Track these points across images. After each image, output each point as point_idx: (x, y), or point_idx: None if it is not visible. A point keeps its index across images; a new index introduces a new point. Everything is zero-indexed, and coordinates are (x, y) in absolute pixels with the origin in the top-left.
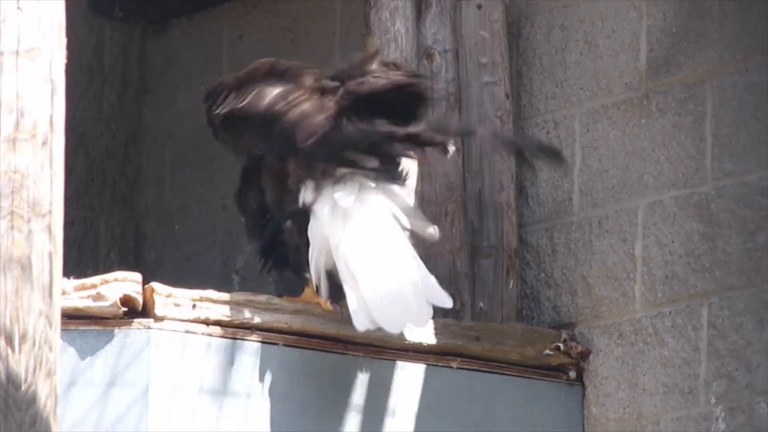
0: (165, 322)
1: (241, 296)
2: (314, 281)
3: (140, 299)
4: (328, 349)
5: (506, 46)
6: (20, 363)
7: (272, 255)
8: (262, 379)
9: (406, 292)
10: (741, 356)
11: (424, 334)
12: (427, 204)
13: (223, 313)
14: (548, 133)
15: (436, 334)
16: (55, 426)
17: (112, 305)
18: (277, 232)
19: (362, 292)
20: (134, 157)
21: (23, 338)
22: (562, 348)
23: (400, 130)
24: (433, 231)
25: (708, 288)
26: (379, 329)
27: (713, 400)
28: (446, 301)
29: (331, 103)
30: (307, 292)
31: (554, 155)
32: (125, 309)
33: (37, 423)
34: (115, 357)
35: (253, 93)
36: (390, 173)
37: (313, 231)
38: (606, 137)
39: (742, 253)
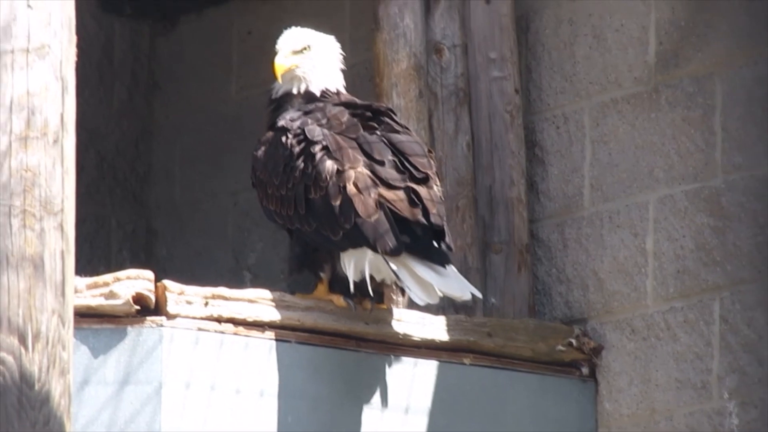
0: (177, 319)
1: (253, 293)
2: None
3: (152, 297)
4: (340, 345)
5: (515, 40)
6: (33, 362)
7: (302, 258)
8: (274, 376)
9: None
10: (753, 350)
11: (437, 330)
12: None
13: (235, 310)
14: (558, 127)
15: (449, 331)
16: (69, 425)
17: (124, 303)
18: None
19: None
20: (145, 154)
21: (36, 337)
22: (574, 343)
23: None
24: None
25: (719, 282)
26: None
27: (726, 395)
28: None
29: None
30: (320, 289)
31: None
32: (138, 307)
33: (51, 422)
34: (128, 355)
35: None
36: None
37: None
38: (616, 131)
39: (752, 247)
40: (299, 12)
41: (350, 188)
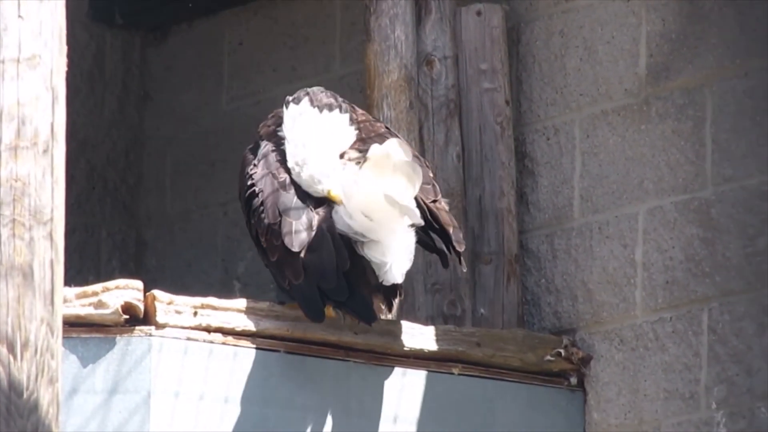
0: (166, 329)
1: (242, 303)
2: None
3: (141, 307)
4: (329, 356)
5: (506, 52)
6: (22, 370)
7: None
8: (263, 386)
9: None
10: (741, 361)
11: (425, 340)
12: None
13: (224, 320)
14: (548, 139)
15: (437, 340)
16: None
17: (113, 313)
18: None
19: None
20: (135, 164)
21: (25, 346)
22: (563, 354)
23: None
24: None
25: (708, 293)
26: None
27: (714, 405)
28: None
29: None
30: None
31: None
32: (126, 316)
33: (39, 430)
34: (117, 364)
35: None
36: None
37: None
38: (606, 143)
39: (742, 258)
40: (290, 23)
41: (280, 252)
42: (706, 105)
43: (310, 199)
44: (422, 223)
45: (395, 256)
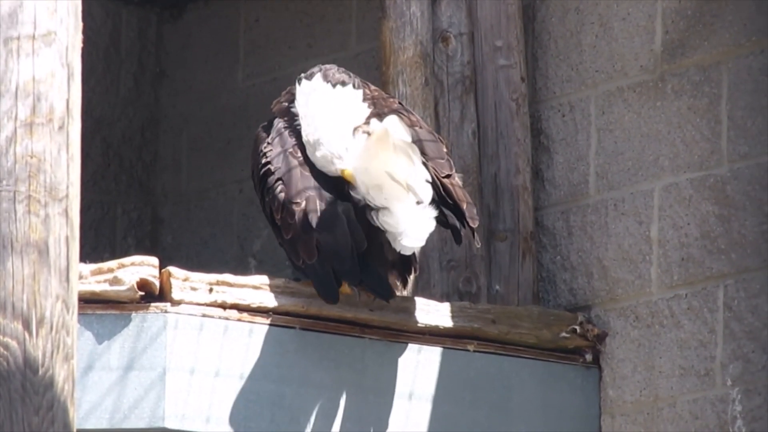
0: (182, 305)
1: (257, 279)
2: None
3: (157, 283)
4: (345, 332)
5: (521, 29)
6: (37, 347)
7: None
8: (279, 362)
9: None
10: (757, 338)
11: (441, 316)
12: None
13: (239, 296)
14: (564, 116)
15: (453, 317)
16: (73, 410)
17: (128, 289)
18: None
19: None
20: (151, 142)
21: (40, 322)
22: (578, 331)
23: None
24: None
25: (724, 270)
26: None
27: (729, 382)
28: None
29: None
30: None
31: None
32: (142, 293)
33: (55, 407)
34: (132, 341)
35: None
36: None
37: None
38: (621, 120)
39: (757, 235)
40: (306, 0)
41: (294, 230)
42: (722, 82)
43: (327, 177)
44: (426, 200)
45: (408, 225)
